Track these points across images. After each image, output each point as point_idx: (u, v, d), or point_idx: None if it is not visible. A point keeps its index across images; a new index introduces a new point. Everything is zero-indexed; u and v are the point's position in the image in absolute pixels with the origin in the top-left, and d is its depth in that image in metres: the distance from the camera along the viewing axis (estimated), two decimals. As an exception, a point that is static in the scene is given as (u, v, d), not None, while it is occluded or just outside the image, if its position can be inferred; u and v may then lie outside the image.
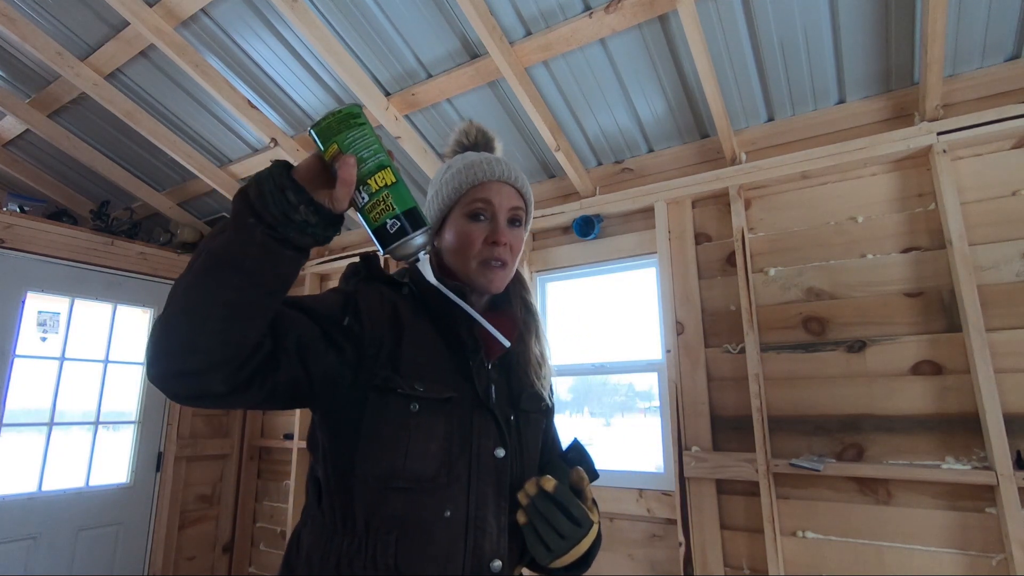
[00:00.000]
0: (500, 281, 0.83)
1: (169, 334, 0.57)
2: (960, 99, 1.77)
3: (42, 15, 2.09)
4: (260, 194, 0.58)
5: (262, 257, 0.58)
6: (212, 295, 0.57)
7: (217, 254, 0.58)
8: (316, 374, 0.69)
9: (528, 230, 0.92)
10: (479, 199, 0.83)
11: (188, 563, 3.11)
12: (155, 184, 3.16)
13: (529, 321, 0.90)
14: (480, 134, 0.95)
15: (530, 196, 0.90)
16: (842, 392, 1.79)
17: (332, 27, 1.96)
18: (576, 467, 0.80)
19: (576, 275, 2.51)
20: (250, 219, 0.58)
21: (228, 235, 0.58)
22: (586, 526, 0.74)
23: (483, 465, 0.76)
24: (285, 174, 0.59)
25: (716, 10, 1.70)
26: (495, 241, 0.82)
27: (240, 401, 0.63)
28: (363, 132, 0.63)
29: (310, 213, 0.59)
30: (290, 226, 0.58)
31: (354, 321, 0.74)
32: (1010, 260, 1.64)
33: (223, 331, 0.57)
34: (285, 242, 0.59)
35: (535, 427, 0.87)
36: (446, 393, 0.75)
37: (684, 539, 1.91)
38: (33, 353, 2.70)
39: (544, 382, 0.90)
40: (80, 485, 2.79)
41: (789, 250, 1.96)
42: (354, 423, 0.73)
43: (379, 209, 0.63)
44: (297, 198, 0.58)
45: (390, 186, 0.63)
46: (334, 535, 0.72)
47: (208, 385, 0.58)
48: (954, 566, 1.57)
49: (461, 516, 0.73)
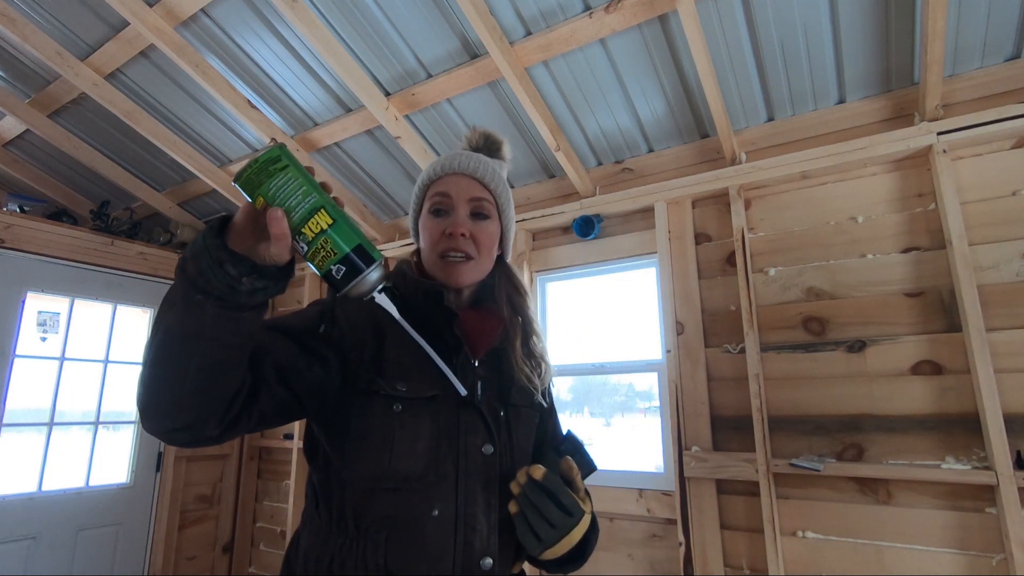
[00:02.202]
0: (461, 275, 0.82)
1: (152, 397, 0.59)
2: (960, 99, 1.77)
3: (42, 15, 2.09)
4: (200, 271, 0.55)
5: (220, 324, 0.57)
6: (182, 364, 0.58)
7: (174, 330, 0.57)
8: (302, 391, 0.71)
9: (503, 223, 0.89)
10: (437, 193, 0.85)
11: (188, 563, 3.11)
12: (155, 184, 3.16)
13: (516, 317, 0.90)
14: (482, 138, 0.95)
15: (498, 186, 0.87)
16: (842, 392, 1.79)
17: (332, 27, 1.96)
18: (566, 456, 0.79)
19: (576, 275, 2.51)
20: (197, 296, 0.56)
21: (179, 312, 0.57)
22: (577, 515, 0.73)
23: (471, 462, 0.76)
24: (219, 245, 0.55)
25: (716, 10, 1.70)
26: (451, 232, 0.81)
27: (234, 435, 0.66)
28: (287, 178, 0.57)
29: (256, 280, 0.57)
30: (238, 295, 0.57)
31: (331, 327, 0.75)
32: (1010, 260, 1.64)
33: (203, 389, 0.59)
34: (238, 308, 0.58)
35: (527, 422, 0.87)
36: (430, 392, 0.76)
37: (684, 539, 1.91)
38: (33, 353, 2.70)
39: (544, 378, 0.90)
40: (80, 485, 2.79)
41: (789, 250, 1.96)
42: (343, 427, 0.74)
43: (321, 256, 0.59)
44: (237, 270, 0.55)
45: (327, 229, 0.58)
46: (329, 536, 0.73)
47: (202, 432, 0.62)
48: (954, 566, 1.57)
49: (450, 514, 0.73)
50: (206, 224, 0.56)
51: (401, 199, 2.85)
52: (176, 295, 0.57)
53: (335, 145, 2.56)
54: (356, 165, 2.68)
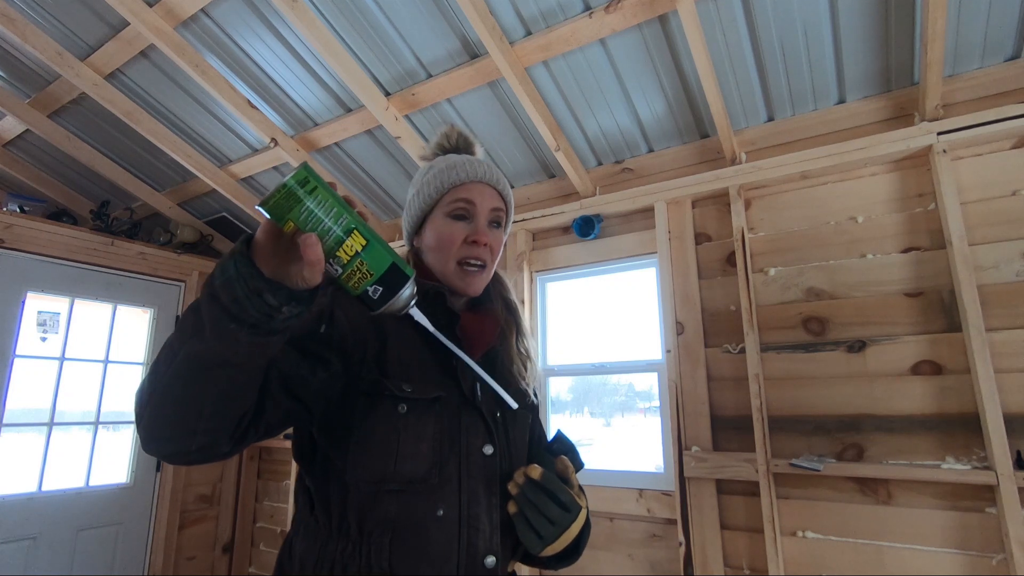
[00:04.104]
0: (478, 284, 0.84)
1: (162, 423, 0.58)
2: (960, 99, 1.77)
3: (42, 15, 2.09)
4: (235, 299, 0.53)
5: (252, 350, 0.56)
6: (204, 391, 0.56)
7: (202, 359, 0.55)
8: (308, 398, 0.70)
9: (508, 233, 0.92)
10: (461, 199, 0.84)
11: (188, 563, 3.11)
12: (155, 184, 3.16)
13: (511, 320, 0.91)
14: (461, 138, 0.95)
15: (511, 199, 0.90)
16: (842, 392, 1.79)
17: (332, 27, 1.96)
18: (560, 456, 0.81)
19: (576, 275, 2.51)
20: (231, 325, 0.53)
21: (209, 342, 0.54)
22: (574, 511, 0.75)
23: (473, 463, 0.76)
24: (255, 274, 0.53)
25: (716, 10, 1.70)
26: (475, 241, 0.82)
27: (242, 448, 0.66)
28: (319, 200, 0.54)
29: (294, 306, 0.55)
30: (275, 322, 0.55)
31: (332, 328, 0.74)
32: (1010, 260, 1.64)
33: (219, 414, 0.58)
34: (272, 332, 0.56)
35: (522, 423, 0.88)
36: (434, 393, 0.76)
37: (684, 539, 1.91)
38: (33, 353, 2.70)
39: (529, 379, 0.91)
40: (80, 485, 2.79)
41: (789, 250, 1.96)
42: (346, 429, 0.73)
43: (356, 278, 0.57)
44: (277, 299, 0.54)
45: (362, 252, 0.57)
46: (328, 540, 0.72)
47: (215, 452, 0.61)
48: (954, 566, 1.57)
49: (454, 515, 0.73)
50: (234, 249, 0.55)
51: (401, 199, 2.85)
52: (205, 323, 0.54)
53: (335, 145, 2.56)
54: (356, 165, 2.68)
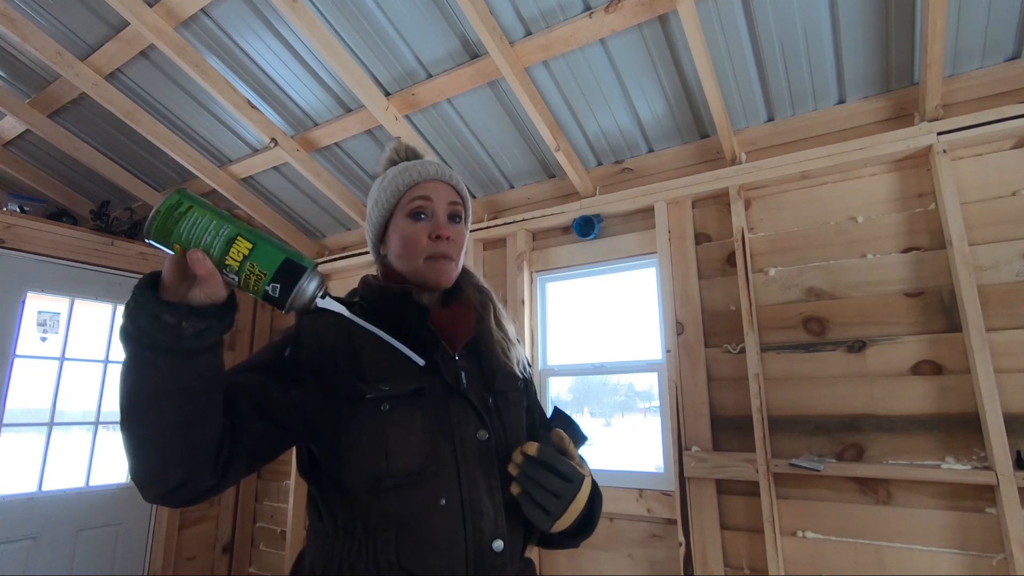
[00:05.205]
0: (450, 273, 0.86)
1: (141, 464, 0.61)
2: (960, 99, 1.77)
3: (42, 15, 2.09)
4: (140, 329, 0.56)
5: (178, 374, 0.58)
6: (156, 424, 0.59)
7: (137, 393, 0.59)
8: (283, 418, 0.73)
9: (468, 228, 0.94)
10: (417, 197, 0.86)
11: (188, 563, 3.11)
12: (155, 184, 3.16)
13: (486, 304, 0.93)
14: (410, 150, 0.98)
15: (466, 194, 0.93)
16: (842, 392, 1.79)
17: (332, 27, 1.96)
18: (555, 428, 0.80)
19: (576, 275, 2.51)
20: (146, 353, 0.57)
21: (135, 374, 0.58)
22: (577, 481, 0.74)
23: (468, 449, 0.77)
24: (152, 297, 0.57)
25: (716, 10, 1.70)
26: (439, 236, 0.84)
27: (233, 481, 0.68)
28: (194, 218, 0.57)
29: (196, 321, 0.57)
30: (185, 340, 0.57)
31: (298, 349, 0.77)
32: (1010, 260, 1.64)
33: (185, 444, 0.61)
34: (191, 352, 0.58)
35: (516, 406, 0.89)
36: (413, 385, 0.77)
37: (684, 539, 1.91)
38: (33, 353, 2.71)
39: (512, 360, 0.92)
40: (80, 485, 2.80)
41: (789, 250, 1.96)
42: (335, 437, 0.75)
43: (253, 281, 0.59)
44: (175, 317, 0.56)
45: (249, 255, 0.58)
46: (336, 542, 0.73)
47: (199, 486, 0.64)
48: (954, 566, 1.57)
49: (456, 502, 0.73)
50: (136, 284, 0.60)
51: (401, 199, 2.85)
52: (127, 360, 0.58)
53: (335, 145, 2.56)
54: (356, 165, 2.68)
